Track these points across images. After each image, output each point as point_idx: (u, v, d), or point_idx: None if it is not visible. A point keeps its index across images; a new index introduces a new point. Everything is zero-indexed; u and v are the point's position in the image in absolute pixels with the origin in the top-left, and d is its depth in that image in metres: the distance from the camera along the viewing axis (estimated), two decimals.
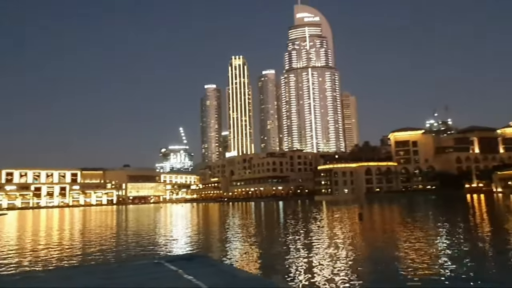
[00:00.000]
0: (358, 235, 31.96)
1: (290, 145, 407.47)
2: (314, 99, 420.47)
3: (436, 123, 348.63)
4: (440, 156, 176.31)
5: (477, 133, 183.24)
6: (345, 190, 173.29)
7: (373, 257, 21.60)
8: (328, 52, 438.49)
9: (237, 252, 24.85)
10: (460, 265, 18.04)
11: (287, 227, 42.28)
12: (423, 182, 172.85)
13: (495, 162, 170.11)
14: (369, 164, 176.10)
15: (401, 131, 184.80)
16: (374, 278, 16.91)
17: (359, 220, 44.30)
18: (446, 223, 39.22)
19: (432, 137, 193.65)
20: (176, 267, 5.72)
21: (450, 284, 14.73)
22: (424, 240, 26.63)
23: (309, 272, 17.51)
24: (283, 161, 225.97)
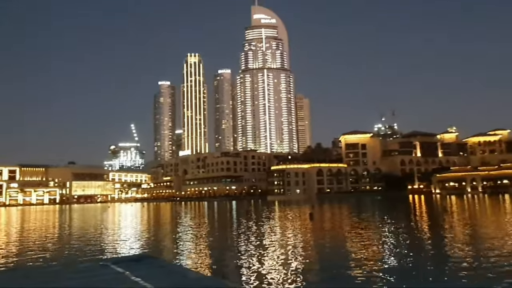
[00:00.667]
0: (308, 234, 32.76)
1: (245, 145, 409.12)
2: (269, 100, 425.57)
3: (384, 127, 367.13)
4: (386, 158, 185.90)
5: (419, 138, 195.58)
6: (297, 190, 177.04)
7: (322, 255, 22.25)
8: (284, 54, 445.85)
9: (188, 253, 24.46)
10: (402, 261, 19.11)
11: (240, 227, 42.36)
12: (371, 183, 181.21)
13: (435, 165, 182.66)
14: (320, 165, 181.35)
15: (351, 134, 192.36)
16: (323, 276, 17.39)
17: (310, 220, 45.40)
18: (390, 222, 41.40)
19: (379, 140, 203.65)
20: (122, 268, 5.49)
21: (395, 281, 15.51)
22: (370, 238, 27.88)
23: (260, 271, 17.64)
24: (237, 161, 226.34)
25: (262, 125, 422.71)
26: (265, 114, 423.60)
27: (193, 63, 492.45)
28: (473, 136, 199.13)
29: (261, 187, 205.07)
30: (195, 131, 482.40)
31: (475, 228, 33.04)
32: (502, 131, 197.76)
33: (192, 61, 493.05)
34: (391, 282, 15.18)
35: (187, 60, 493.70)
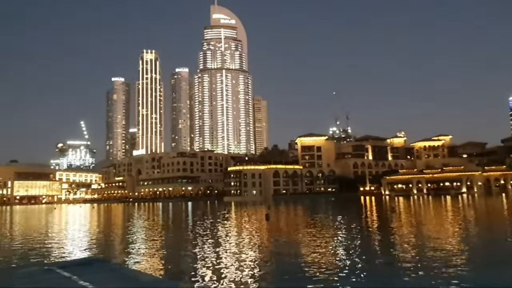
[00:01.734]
0: (264, 235, 32.95)
1: (202, 145, 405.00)
2: (227, 101, 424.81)
3: (338, 131, 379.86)
4: (340, 161, 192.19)
5: (371, 142, 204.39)
6: (253, 192, 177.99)
7: (277, 255, 22.42)
8: (243, 56, 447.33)
9: (141, 255, 23.64)
10: (353, 259, 19.73)
11: (195, 228, 41.72)
12: (325, 185, 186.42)
13: (385, 168, 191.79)
14: (277, 167, 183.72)
15: (307, 136, 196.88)
16: (278, 276, 17.51)
17: (266, 220, 45.74)
18: (342, 222, 42.75)
19: (334, 143, 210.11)
20: (69, 273, 5.10)
21: (347, 280, 15.95)
22: (324, 238, 28.58)
23: (215, 273, 17.42)
24: (194, 161, 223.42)
25: (220, 125, 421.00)
26: (223, 115, 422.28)
27: (149, 60, 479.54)
28: (419, 141, 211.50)
29: (217, 188, 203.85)
30: (151, 130, 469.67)
31: (419, 227, 35.00)
32: (445, 137, 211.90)
33: (148, 58, 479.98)
34: (344, 281, 15.59)
35: (143, 57, 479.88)
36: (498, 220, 42.13)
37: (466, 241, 25.14)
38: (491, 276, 15.73)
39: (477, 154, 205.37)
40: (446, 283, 14.52)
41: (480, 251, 21.94)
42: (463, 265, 17.38)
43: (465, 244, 23.97)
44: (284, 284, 15.97)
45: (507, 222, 39.03)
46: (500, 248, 22.86)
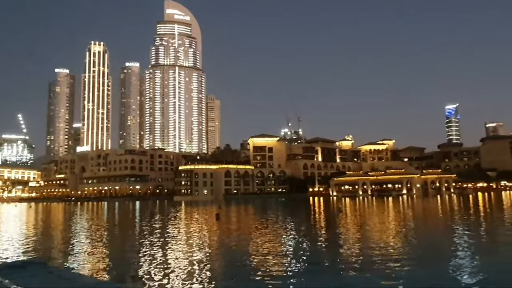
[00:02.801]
0: (214, 234, 32.69)
1: (152, 143, 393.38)
2: (180, 99, 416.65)
3: (290, 132, 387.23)
4: (290, 162, 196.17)
5: (320, 144, 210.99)
6: (204, 191, 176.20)
7: (227, 255, 22.30)
8: (197, 53, 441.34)
9: (82, 257, 22.37)
10: (301, 258, 20.15)
11: (142, 228, 40.37)
12: (276, 185, 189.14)
13: (333, 169, 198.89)
14: (229, 167, 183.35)
15: (259, 137, 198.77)
16: (227, 275, 17.40)
17: (216, 220, 45.46)
18: (291, 222, 43.60)
19: (285, 144, 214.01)
20: (2, 277, 4.63)
21: (296, 278, 16.19)
22: (273, 238, 28.91)
23: (160, 274, 16.92)
24: (143, 159, 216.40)
25: (171, 123, 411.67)
26: (175, 113, 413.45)
27: (97, 52, 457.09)
28: (365, 144, 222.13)
29: (168, 187, 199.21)
30: (97, 125, 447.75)
31: (363, 226, 36.64)
32: (389, 141, 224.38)
33: (96, 50, 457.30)
34: (291, 279, 15.83)
35: (90, 49, 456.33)
36: (432, 219, 45.30)
37: (404, 240, 26.71)
38: (425, 272, 16.77)
39: (416, 158, 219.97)
40: (385, 278, 15.26)
41: (416, 248, 23.38)
42: (401, 262, 18.45)
43: (403, 242, 25.47)
44: (232, 284, 15.88)
45: (440, 221, 42.04)
46: (433, 245, 24.55)
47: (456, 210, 57.96)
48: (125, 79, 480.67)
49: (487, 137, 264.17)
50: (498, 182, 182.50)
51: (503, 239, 26.70)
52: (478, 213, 50.92)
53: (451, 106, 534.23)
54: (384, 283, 14.80)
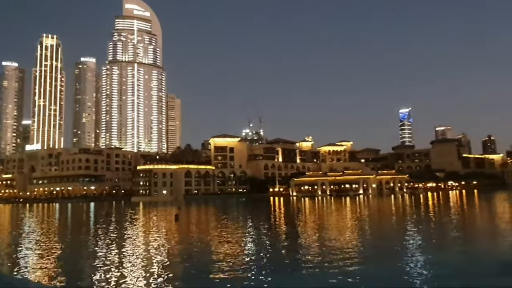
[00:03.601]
0: (173, 235, 31.86)
1: (108, 142, 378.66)
2: (139, 97, 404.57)
3: (251, 133, 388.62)
4: (251, 162, 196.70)
5: (281, 145, 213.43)
6: (164, 191, 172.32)
7: (185, 256, 21.71)
8: (157, 50, 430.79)
9: (30, 262, 20.87)
10: (260, 258, 20.04)
11: (96, 230, 38.55)
12: (237, 186, 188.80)
13: (293, 170, 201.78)
14: (189, 167, 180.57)
15: (221, 137, 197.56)
16: (186, 277, 16.90)
17: (175, 221, 44.43)
18: (252, 222, 43.51)
19: (246, 145, 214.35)
20: None
21: (256, 277, 16.01)
22: (233, 237, 28.63)
23: (116, 278, 16.11)
24: (99, 158, 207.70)
25: (130, 122, 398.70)
26: (133, 111, 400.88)
27: (50, 45, 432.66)
28: (324, 145, 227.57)
29: (125, 187, 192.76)
30: (48, 123, 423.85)
31: (321, 226, 37.33)
32: (347, 142, 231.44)
33: (48, 43, 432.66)
34: (252, 279, 15.64)
35: (42, 42, 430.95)
36: (387, 218, 47.09)
37: (360, 238, 27.48)
38: (378, 269, 17.23)
39: (372, 159, 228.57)
40: (342, 275, 15.50)
41: (370, 246, 24.08)
42: (356, 259, 18.90)
43: (359, 240, 26.18)
44: (190, 285, 15.44)
45: (394, 220, 43.75)
46: (386, 243, 25.44)
47: (408, 209, 60.70)
48: (80, 75, 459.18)
49: (437, 140, 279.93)
50: (445, 182, 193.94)
51: (449, 236, 28.17)
52: (427, 211, 53.59)
53: (404, 110, 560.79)
54: (337, 281, 14.99)
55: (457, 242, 25.42)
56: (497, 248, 22.31)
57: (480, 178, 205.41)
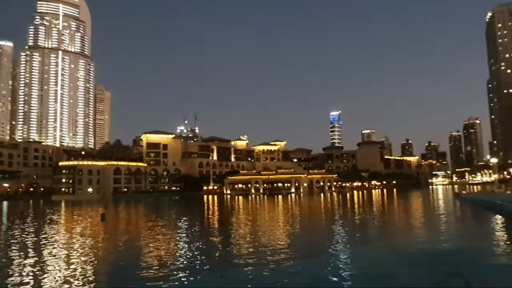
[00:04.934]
0: (98, 236, 29.71)
1: (26, 135, 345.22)
2: (63, 87, 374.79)
3: (186, 130, 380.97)
4: (186, 160, 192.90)
5: (216, 143, 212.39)
6: (89, 190, 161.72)
7: (112, 257, 20.24)
8: (85, 39, 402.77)
9: None
10: (193, 256, 19.38)
11: (10, 232, 34.54)
12: (170, 184, 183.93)
13: (228, 168, 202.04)
14: (119, 164, 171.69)
15: (154, 133, 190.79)
16: (111, 279, 15.72)
17: (102, 221, 41.71)
18: (184, 220, 42.35)
19: (181, 142, 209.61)
20: None
21: (186, 277, 15.33)
22: (164, 237, 27.49)
23: (33, 283, 14.36)
24: (14, 153, 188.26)
25: (52, 114, 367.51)
26: (56, 102, 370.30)
27: None
28: (259, 144, 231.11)
29: (44, 185, 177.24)
30: None
31: (254, 223, 37.58)
32: (280, 142, 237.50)
33: None
34: (181, 279, 14.99)
35: None
36: (316, 215, 48.97)
37: (291, 234, 28.07)
38: (307, 263, 17.60)
39: (304, 159, 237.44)
40: (271, 271, 15.53)
41: (300, 242, 24.67)
42: (286, 255, 19.16)
43: (289, 236, 26.71)
44: (115, 286, 14.36)
45: (322, 217, 45.62)
46: (316, 239, 26.31)
47: (336, 206, 63.80)
48: None
49: (362, 142, 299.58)
50: (369, 182, 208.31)
51: (371, 231, 29.98)
52: (353, 209, 56.82)
53: (335, 112, 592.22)
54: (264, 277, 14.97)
55: (378, 236, 27.05)
56: (411, 241, 24.12)
57: (399, 178, 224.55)
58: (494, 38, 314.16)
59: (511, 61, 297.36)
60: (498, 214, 37.15)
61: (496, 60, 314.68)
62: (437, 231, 28.51)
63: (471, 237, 25.68)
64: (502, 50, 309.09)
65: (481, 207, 47.74)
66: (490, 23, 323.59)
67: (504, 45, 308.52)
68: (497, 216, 36.11)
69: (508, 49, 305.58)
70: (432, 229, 29.64)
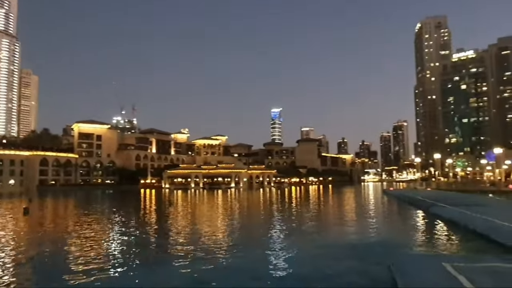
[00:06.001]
0: (20, 231, 27.26)
1: None
2: None
3: (123, 121, 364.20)
4: (122, 152, 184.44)
5: (155, 135, 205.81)
6: (11, 181, 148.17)
7: (35, 255, 18.64)
8: (10, 16, 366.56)
9: None
10: (125, 254, 18.53)
11: None
12: (103, 177, 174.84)
13: (167, 162, 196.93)
14: (46, 154, 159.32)
15: (87, 123, 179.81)
16: (33, 278, 14.47)
17: (24, 215, 38.40)
18: (118, 215, 40.46)
19: (117, 133, 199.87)
20: None
21: (118, 278, 14.61)
22: (95, 232, 26.03)
23: None
24: None
25: None
26: None
27: None
28: (200, 138, 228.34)
29: None
30: None
31: (193, 218, 37.09)
32: (222, 137, 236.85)
33: None
34: (111, 276, 14.27)
35: None
36: (255, 209, 49.65)
37: (229, 228, 28.13)
38: (244, 256, 17.74)
39: (245, 154, 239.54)
40: (208, 265, 15.39)
41: (239, 236, 24.83)
42: (224, 249, 19.13)
43: (228, 230, 26.76)
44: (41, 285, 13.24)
45: (261, 211, 46.37)
46: (254, 232, 26.66)
47: (274, 201, 65.21)
48: None
49: (301, 140, 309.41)
50: (307, 178, 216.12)
51: (308, 226, 31.10)
52: (291, 203, 58.52)
53: (276, 109, 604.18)
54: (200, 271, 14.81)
55: (313, 230, 28.11)
56: (343, 233, 25.42)
57: (334, 174, 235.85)
58: (421, 48, 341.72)
59: (435, 70, 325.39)
60: (419, 209, 40.50)
61: (422, 68, 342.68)
62: (366, 224, 30.31)
63: (395, 230, 27.67)
64: (428, 59, 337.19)
65: (405, 202, 51.74)
66: (418, 34, 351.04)
67: (429, 54, 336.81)
68: (418, 211, 39.35)
69: (433, 59, 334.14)
70: (362, 223, 31.46)
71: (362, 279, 13.21)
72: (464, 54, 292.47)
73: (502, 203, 45.44)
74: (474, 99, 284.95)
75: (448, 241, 21.41)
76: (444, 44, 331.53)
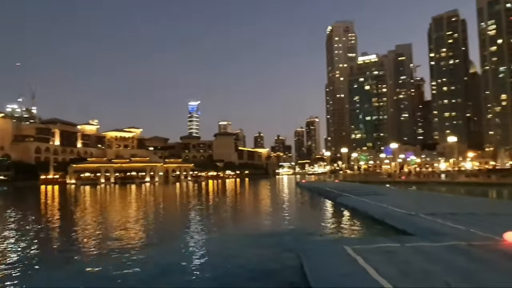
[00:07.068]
0: None
1: None
2: None
3: (20, 109, 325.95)
4: (18, 144, 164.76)
5: (59, 126, 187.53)
6: None
7: None
8: None
9: None
10: (27, 254, 16.61)
11: None
12: None
13: (73, 155, 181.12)
14: None
15: None
16: None
17: None
18: (12, 214, 36.17)
19: (12, 122, 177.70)
20: None
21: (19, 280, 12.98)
22: None
23: None
24: None
25: None
26: None
27: None
28: (111, 130, 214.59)
29: None
30: None
31: (102, 215, 34.85)
32: (136, 129, 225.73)
33: None
34: (12, 276, 12.65)
35: None
36: (170, 204, 48.51)
37: (142, 224, 27.03)
38: (158, 252, 17.20)
39: (161, 148, 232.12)
40: (119, 263, 14.60)
41: (153, 232, 24.02)
42: (137, 246, 18.33)
43: (141, 226, 25.72)
44: None
45: (177, 205, 45.46)
46: (168, 227, 26.00)
47: (191, 195, 64.41)
48: None
49: (219, 133, 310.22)
50: (224, 171, 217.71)
51: (224, 218, 31.34)
52: (207, 197, 58.37)
53: (193, 103, 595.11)
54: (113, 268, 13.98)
55: (229, 222, 28.39)
56: (257, 224, 26.12)
57: (251, 168, 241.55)
58: (332, 49, 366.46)
59: (343, 70, 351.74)
60: (327, 199, 43.46)
61: (332, 68, 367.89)
62: (279, 215, 31.54)
63: (305, 219, 29.28)
64: (337, 60, 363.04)
65: (315, 193, 55.11)
66: (329, 36, 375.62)
67: (339, 56, 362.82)
68: (327, 200, 42.21)
69: (341, 60, 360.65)
70: (275, 214, 32.66)
71: (275, 265, 13.77)
72: (368, 57, 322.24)
73: (396, 192, 51.22)
74: (376, 99, 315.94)
75: (350, 227, 23.33)
76: (351, 47, 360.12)
